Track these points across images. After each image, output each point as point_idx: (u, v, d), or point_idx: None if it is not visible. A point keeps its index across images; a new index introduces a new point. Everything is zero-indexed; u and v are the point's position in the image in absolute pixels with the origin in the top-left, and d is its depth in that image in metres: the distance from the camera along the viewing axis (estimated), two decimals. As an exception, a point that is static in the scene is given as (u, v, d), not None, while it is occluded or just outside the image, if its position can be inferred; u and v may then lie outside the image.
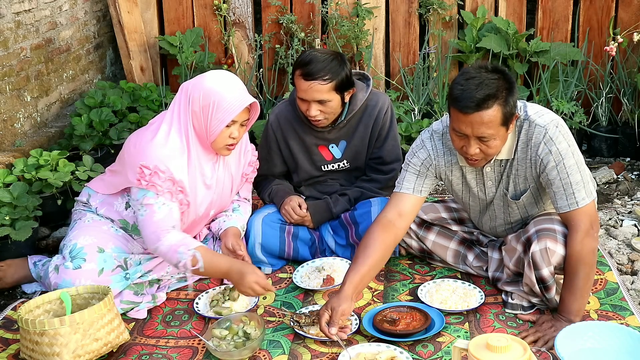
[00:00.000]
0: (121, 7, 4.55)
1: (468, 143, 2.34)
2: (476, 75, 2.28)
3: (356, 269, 2.43)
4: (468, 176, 2.59)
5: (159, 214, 2.54)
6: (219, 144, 2.64)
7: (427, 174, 2.57)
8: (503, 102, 2.26)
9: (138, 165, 2.54)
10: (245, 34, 4.68)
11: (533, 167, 2.46)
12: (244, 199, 3.02)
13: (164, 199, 2.55)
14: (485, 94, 2.24)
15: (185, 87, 2.66)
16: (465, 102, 2.25)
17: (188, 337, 2.50)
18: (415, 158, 2.59)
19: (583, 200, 2.39)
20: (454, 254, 2.85)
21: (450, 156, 2.56)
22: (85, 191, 2.87)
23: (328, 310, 2.35)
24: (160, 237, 2.52)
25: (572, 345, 2.15)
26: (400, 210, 2.54)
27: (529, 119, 2.42)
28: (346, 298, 2.36)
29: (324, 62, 2.76)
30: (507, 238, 2.66)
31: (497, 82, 2.27)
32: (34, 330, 2.20)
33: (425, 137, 2.59)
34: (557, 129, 2.39)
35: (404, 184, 2.58)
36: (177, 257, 2.49)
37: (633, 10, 4.33)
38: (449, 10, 4.54)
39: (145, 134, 2.63)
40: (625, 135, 4.18)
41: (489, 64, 2.34)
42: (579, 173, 2.39)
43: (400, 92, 4.53)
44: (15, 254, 2.90)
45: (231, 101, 2.57)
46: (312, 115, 2.85)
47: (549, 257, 2.39)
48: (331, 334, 2.31)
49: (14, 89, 3.57)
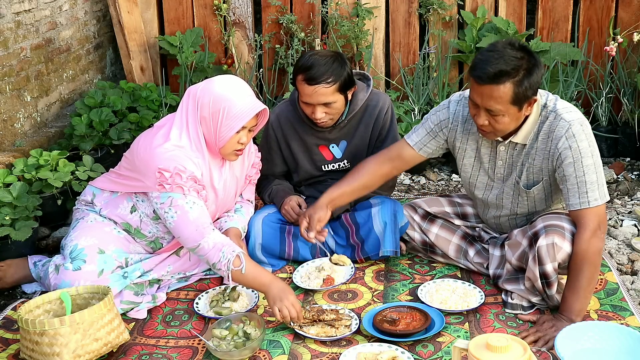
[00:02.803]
0: (121, 7, 4.55)
1: (478, 113, 2.40)
2: (500, 50, 2.31)
3: (339, 185, 2.74)
4: (482, 150, 2.61)
5: (193, 213, 2.52)
6: (228, 149, 2.64)
7: (438, 134, 2.65)
8: (517, 82, 2.28)
9: (155, 170, 2.52)
10: (245, 34, 4.68)
11: (550, 160, 2.47)
12: (246, 200, 3.02)
13: (191, 197, 2.54)
14: (499, 69, 2.27)
15: (193, 92, 2.63)
16: (479, 72, 2.30)
17: (188, 337, 2.50)
18: (434, 116, 2.67)
19: (595, 201, 2.39)
20: (456, 249, 2.86)
21: (470, 125, 2.59)
22: (89, 190, 2.85)
23: (306, 218, 2.67)
24: (204, 234, 2.50)
25: (572, 345, 2.15)
26: (400, 153, 2.72)
27: (556, 111, 2.44)
28: (321, 207, 2.67)
29: (325, 65, 2.77)
30: (511, 233, 2.66)
31: (517, 61, 2.28)
32: (34, 330, 2.20)
33: (454, 99, 2.65)
34: (582, 127, 2.40)
35: (413, 136, 2.71)
36: (219, 255, 2.49)
37: (633, 10, 4.33)
38: (449, 10, 4.54)
39: (156, 137, 2.61)
40: (625, 135, 4.18)
41: (519, 42, 2.35)
42: (595, 174, 2.40)
43: (400, 92, 4.53)
44: (15, 254, 2.90)
45: (242, 107, 2.57)
46: (318, 118, 2.85)
47: (555, 252, 2.39)
48: (310, 237, 2.63)
49: (14, 89, 3.57)
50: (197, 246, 2.51)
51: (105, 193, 2.78)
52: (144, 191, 2.64)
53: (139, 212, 2.71)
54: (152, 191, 2.56)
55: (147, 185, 2.58)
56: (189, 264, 2.84)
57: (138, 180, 2.63)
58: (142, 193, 2.67)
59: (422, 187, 3.98)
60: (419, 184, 4.03)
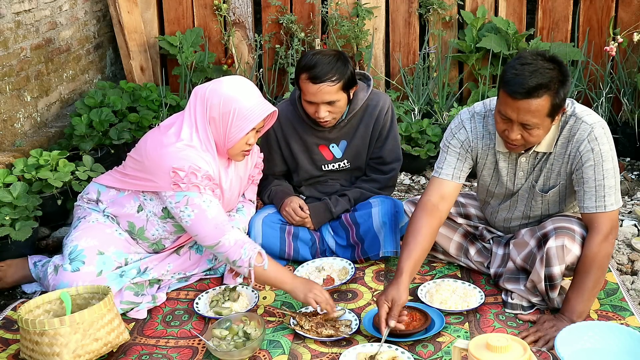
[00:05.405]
0: (121, 7, 4.55)
1: (511, 128, 2.33)
2: (532, 62, 2.26)
3: (409, 255, 2.44)
4: (500, 164, 2.57)
5: (211, 211, 2.52)
6: (236, 150, 2.64)
7: (466, 155, 2.57)
8: (553, 94, 2.25)
9: (169, 169, 2.51)
10: (245, 34, 4.69)
11: (570, 163, 2.45)
12: (248, 201, 3.02)
13: (207, 195, 2.54)
14: (538, 83, 2.22)
15: (201, 92, 2.62)
16: (516, 87, 2.24)
17: (188, 337, 2.50)
18: (455, 140, 2.58)
19: (611, 206, 2.38)
20: (457, 247, 2.85)
21: (489, 140, 2.55)
22: (93, 187, 2.81)
23: (387, 302, 2.34)
24: (224, 231, 2.51)
25: (572, 345, 2.15)
26: (442, 193, 2.55)
27: (575, 115, 2.41)
28: (406, 288, 2.37)
29: (329, 64, 2.77)
30: (518, 232, 2.65)
31: (551, 72, 2.24)
32: (34, 330, 2.20)
33: (465, 118, 2.58)
34: (603, 130, 2.39)
35: (444, 169, 2.58)
36: (240, 252, 2.49)
37: (633, 10, 4.33)
38: (449, 10, 4.55)
39: (166, 136, 2.59)
40: (625, 135, 4.18)
41: (547, 53, 2.31)
42: (613, 178, 2.39)
43: (400, 92, 4.53)
44: (15, 254, 2.90)
45: (252, 109, 2.57)
46: (322, 116, 2.86)
47: (564, 255, 2.39)
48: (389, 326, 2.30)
49: (14, 89, 3.57)
50: (217, 244, 2.51)
51: (111, 191, 2.76)
52: (154, 191, 2.63)
53: (146, 211, 2.70)
54: (166, 191, 2.56)
55: (160, 185, 2.56)
56: (189, 263, 2.83)
57: (149, 181, 2.61)
58: (150, 192, 2.66)
59: (422, 187, 3.98)
60: (419, 184, 4.03)
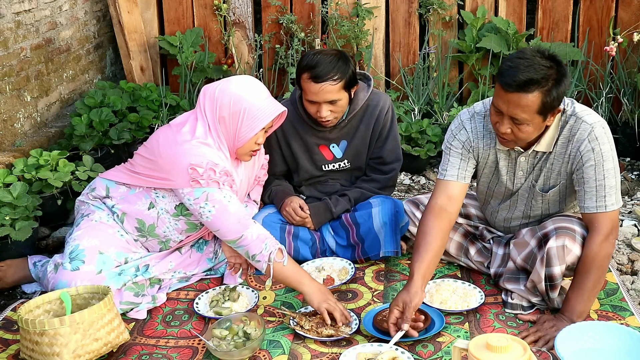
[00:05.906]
0: (121, 7, 4.55)
1: (502, 121, 2.34)
2: (529, 57, 2.26)
3: (421, 259, 2.43)
4: (500, 163, 2.58)
5: (232, 206, 2.53)
6: (245, 149, 2.65)
7: (469, 155, 2.58)
8: (546, 91, 2.24)
9: (186, 166, 2.51)
10: (245, 34, 4.69)
11: (570, 163, 2.45)
12: (252, 201, 3.02)
13: (227, 191, 2.54)
14: (529, 78, 2.22)
15: (210, 92, 2.62)
16: (508, 79, 2.25)
17: (188, 337, 2.50)
18: (456, 141, 2.58)
19: (612, 206, 2.38)
20: (457, 246, 2.85)
21: (489, 139, 2.55)
22: (101, 183, 2.78)
23: (399, 306, 2.34)
24: (248, 225, 2.52)
25: (572, 345, 2.15)
26: (448, 194, 2.55)
27: (575, 115, 2.41)
28: (417, 291, 2.36)
29: (331, 63, 2.78)
30: (519, 232, 2.64)
31: (547, 70, 2.24)
32: (34, 330, 2.20)
33: (465, 118, 2.58)
34: (604, 130, 2.39)
35: (448, 171, 2.58)
36: (261, 247, 2.50)
37: (633, 10, 4.33)
38: (449, 10, 4.55)
39: (180, 134, 2.58)
40: (625, 135, 4.18)
41: (548, 51, 2.31)
42: (614, 178, 2.39)
43: (400, 92, 4.53)
44: (15, 254, 2.90)
45: (262, 108, 2.58)
46: (324, 116, 2.86)
47: (565, 255, 2.39)
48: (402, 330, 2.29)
49: (14, 89, 3.57)
50: (240, 237, 2.52)
51: (121, 188, 2.74)
52: (170, 188, 2.62)
53: (157, 208, 2.68)
54: (183, 188, 2.55)
55: (177, 183, 2.55)
56: (189, 261, 2.84)
57: (164, 179, 2.60)
58: (162, 189, 2.66)
59: (422, 187, 3.98)
60: (419, 184, 4.03)
